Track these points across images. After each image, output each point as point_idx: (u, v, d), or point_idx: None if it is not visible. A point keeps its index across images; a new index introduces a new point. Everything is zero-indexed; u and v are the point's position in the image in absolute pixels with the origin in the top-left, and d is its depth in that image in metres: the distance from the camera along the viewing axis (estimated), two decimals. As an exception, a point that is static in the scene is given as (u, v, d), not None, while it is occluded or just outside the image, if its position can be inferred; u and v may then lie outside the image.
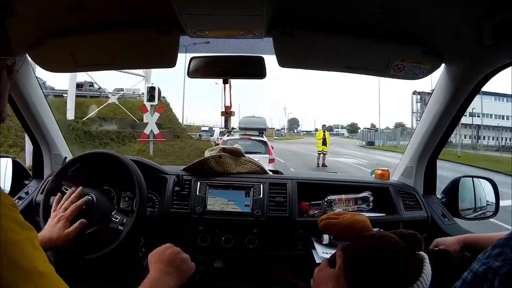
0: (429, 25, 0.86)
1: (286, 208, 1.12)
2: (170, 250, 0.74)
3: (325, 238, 1.04)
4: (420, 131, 1.20)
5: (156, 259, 0.71)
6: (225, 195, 1.13)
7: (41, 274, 0.41)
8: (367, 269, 0.59)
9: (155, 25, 0.90)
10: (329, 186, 1.22)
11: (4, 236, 0.39)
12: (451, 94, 1.03)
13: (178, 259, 0.73)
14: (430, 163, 1.25)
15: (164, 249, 0.74)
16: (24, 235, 0.41)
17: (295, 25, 0.88)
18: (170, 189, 1.13)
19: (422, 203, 1.20)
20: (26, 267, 0.39)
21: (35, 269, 0.40)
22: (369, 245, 0.61)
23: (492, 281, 0.37)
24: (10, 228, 0.40)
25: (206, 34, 0.94)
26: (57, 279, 0.43)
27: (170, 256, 0.72)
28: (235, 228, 1.09)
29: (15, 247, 0.39)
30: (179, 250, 0.75)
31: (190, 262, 0.76)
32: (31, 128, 1.22)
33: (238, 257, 1.11)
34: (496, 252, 0.40)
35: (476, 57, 0.91)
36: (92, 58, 1.05)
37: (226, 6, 0.78)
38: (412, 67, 0.98)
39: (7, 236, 0.39)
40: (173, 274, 0.70)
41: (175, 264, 0.71)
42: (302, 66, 1.08)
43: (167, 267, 0.70)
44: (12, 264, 0.38)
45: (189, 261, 0.75)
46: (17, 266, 0.39)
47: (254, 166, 1.26)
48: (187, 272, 0.73)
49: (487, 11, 0.72)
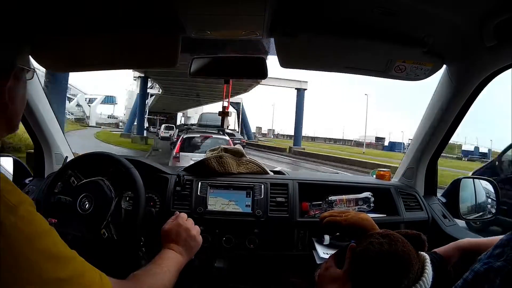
0: (430, 25, 0.86)
1: (287, 208, 1.12)
2: (183, 227, 0.78)
3: (326, 238, 1.04)
4: (421, 132, 1.19)
5: (169, 237, 0.76)
6: (226, 195, 1.13)
7: (70, 258, 0.46)
8: (376, 267, 0.58)
9: (156, 25, 0.90)
10: (330, 186, 1.22)
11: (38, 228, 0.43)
12: (453, 95, 1.03)
13: (189, 237, 0.78)
14: (431, 164, 1.25)
15: (177, 226, 0.78)
16: (50, 227, 0.46)
17: (296, 25, 0.88)
18: (171, 189, 1.13)
19: (422, 204, 1.20)
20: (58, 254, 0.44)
21: (65, 254, 0.45)
22: (380, 243, 0.60)
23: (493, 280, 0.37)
24: (39, 221, 0.44)
25: (208, 34, 0.94)
26: (83, 260, 0.48)
27: (182, 234, 0.77)
28: (235, 228, 1.09)
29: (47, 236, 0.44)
30: (190, 227, 0.80)
31: (199, 237, 0.81)
32: (32, 127, 1.23)
33: (239, 257, 1.11)
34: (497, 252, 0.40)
35: (478, 58, 0.90)
36: (93, 58, 1.05)
37: (228, 7, 0.79)
38: (414, 68, 0.98)
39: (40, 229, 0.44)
40: (184, 252, 0.75)
41: (186, 243, 0.76)
42: (303, 66, 1.08)
43: (179, 246, 0.75)
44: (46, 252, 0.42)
45: (198, 236, 0.80)
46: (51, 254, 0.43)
47: (255, 166, 1.26)
48: (195, 249, 0.79)
49: (489, 12, 0.72)
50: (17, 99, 0.52)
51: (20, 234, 0.41)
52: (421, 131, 1.19)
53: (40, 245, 0.42)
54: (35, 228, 0.43)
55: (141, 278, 0.61)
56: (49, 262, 0.42)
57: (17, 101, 0.52)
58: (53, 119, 1.27)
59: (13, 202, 0.42)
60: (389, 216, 1.15)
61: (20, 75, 0.52)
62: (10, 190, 0.43)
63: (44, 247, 0.42)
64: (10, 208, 0.41)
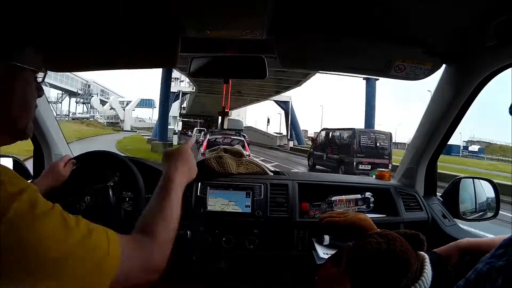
0: (430, 25, 0.85)
1: (287, 209, 1.12)
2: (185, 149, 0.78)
3: (325, 239, 1.04)
4: (420, 132, 1.19)
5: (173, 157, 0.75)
6: (226, 195, 1.13)
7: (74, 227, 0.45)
8: (374, 266, 0.58)
9: (156, 25, 0.90)
10: (330, 187, 1.22)
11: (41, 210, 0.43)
12: (452, 94, 1.03)
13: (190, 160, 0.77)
14: (430, 164, 1.25)
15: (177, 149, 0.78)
16: (52, 205, 0.46)
17: (296, 25, 0.88)
18: None
19: (422, 204, 1.20)
20: (61, 228, 0.44)
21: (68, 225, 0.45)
22: (377, 243, 0.60)
23: (495, 280, 0.37)
24: (42, 203, 0.44)
25: (207, 34, 0.94)
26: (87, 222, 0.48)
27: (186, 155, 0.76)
28: (235, 228, 1.09)
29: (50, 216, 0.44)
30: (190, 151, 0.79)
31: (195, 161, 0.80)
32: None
33: (239, 257, 1.11)
34: (500, 252, 0.40)
35: (477, 58, 0.91)
36: (93, 58, 1.05)
37: (228, 6, 0.78)
38: (413, 68, 0.98)
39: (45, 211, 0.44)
40: (186, 172, 0.74)
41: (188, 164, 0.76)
42: (303, 66, 1.09)
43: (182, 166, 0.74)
44: (50, 232, 0.42)
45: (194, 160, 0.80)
46: (55, 231, 0.43)
47: (255, 167, 1.26)
48: (194, 172, 0.78)
49: (489, 12, 0.72)
50: (14, 101, 0.50)
51: (26, 216, 0.41)
52: (421, 131, 1.19)
53: (46, 225, 0.42)
54: (38, 211, 0.43)
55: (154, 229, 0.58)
56: (53, 240, 0.42)
57: (14, 103, 0.50)
58: (52, 120, 1.27)
59: (15, 190, 0.42)
60: (389, 216, 1.15)
61: (17, 75, 0.50)
62: (9, 180, 0.43)
63: (50, 227, 0.42)
64: (11, 196, 0.41)
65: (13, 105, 0.50)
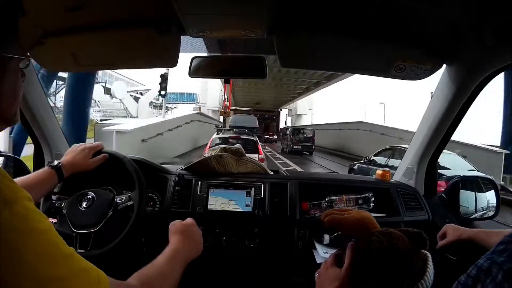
0: (430, 25, 0.86)
1: (287, 208, 1.12)
2: (190, 223, 0.78)
3: (326, 238, 1.04)
4: (421, 132, 1.19)
5: (177, 230, 0.75)
6: (226, 195, 1.13)
7: (67, 256, 0.44)
8: (377, 265, 0.58)
9: (156, 25, 0.90)
10: (330, 186, 1.22)
11: (34, 224, 0.42)
12: (453, 94, 1.03)
13: (195, 234, 0.77)
14: (431, 164, 1.25)
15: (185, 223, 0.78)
16: (48, 224, 0.44)
17: (296, 25, 0.88)
18: (171, 189, 1.13)
19: (423, 203, 1.20)
20: (54, 252, 0.42)
21: (62, 253, 0.44)
22: (380, 241, 0.60)
23: (495, 275, 0.37)
24: (36, 217, 0.43)
25: (208, 34, 0.94)
26: (80, 258, 0.46)
27: (191, 229, 0.77)
28: (236, 227, 1.09)
29: (43, 234, 0.42)
30: (195, 224, 0.80)
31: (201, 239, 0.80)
32: (32, 126, 1.22)
33: (239, 256, 1.11)
34: (501, 248, 0.40)
35: (477, 58, 0.90)
36: (93, 57, 1.05)
37: (228, 6, 0.78)
38: (413, 68, 0.98)
39: (35, 226, 0.42)
40: (192, 247, 0.74)
41: (193, 238, 0.76)
42: (303, 65, 1.09)
43: (187, 240, 0.73)
44: (41, 250, 0.41)
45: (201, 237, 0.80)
46: (46, 252, 0.41)
47: (256, 166, 1.26)
48: (200, 248, 0.78)
49: (488, 12, 0.72)
50: (5, 91, 0.49)
51: (14, 230, 0.40)
52: (421, 131, 1.19)
53: (35, 242, 0.41)
54: (31, 225, 0.41)
55: (151, 282, 0.58)
56: (44, 260, 0.41)
57: (5, 93, 0.49)
58: (52, 118, 1.26)
59: (10, 197, 0.41)
60: (389, 216, 1.15)
61: (5, 65, 0.49)
62: (7, 185, 0.42)
63: (39, 245, 0.41)
64: (6, 202, 0.40)
65: (4, 95, 0.50)
